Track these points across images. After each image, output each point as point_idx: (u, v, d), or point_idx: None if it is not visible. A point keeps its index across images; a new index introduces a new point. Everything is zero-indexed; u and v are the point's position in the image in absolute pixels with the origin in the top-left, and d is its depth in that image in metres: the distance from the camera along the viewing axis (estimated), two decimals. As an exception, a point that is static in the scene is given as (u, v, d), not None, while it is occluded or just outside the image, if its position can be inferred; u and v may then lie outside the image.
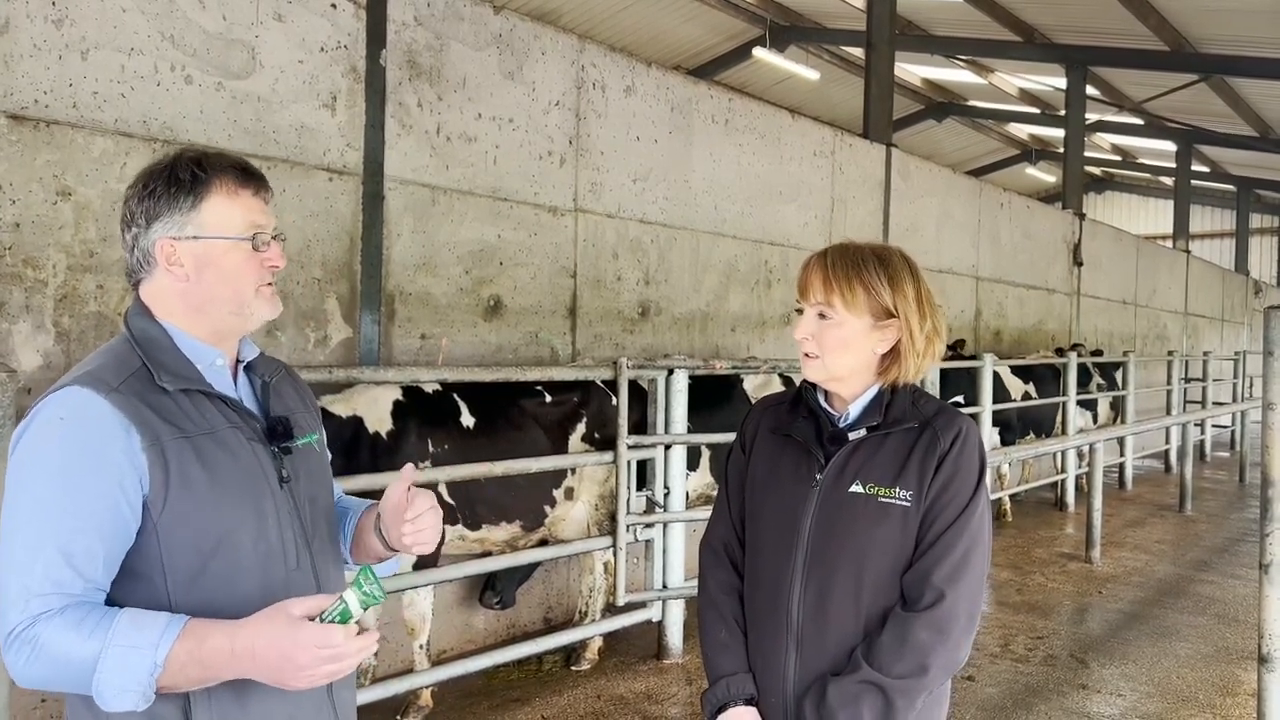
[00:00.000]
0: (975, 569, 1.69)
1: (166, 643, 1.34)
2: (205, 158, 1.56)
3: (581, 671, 4.91)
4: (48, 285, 3.60)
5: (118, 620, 1.35)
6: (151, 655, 1.33)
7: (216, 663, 1.36)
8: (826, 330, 1.75)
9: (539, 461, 4.46)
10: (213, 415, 1.52)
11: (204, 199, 1.53)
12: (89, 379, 1.45)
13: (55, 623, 1.34)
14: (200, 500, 1.46)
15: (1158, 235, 23.33)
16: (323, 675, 1.37)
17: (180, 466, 1.45)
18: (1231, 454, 15.35)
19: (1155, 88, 15.40)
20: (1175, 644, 5.62)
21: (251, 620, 1.38)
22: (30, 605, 1.35)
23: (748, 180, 7.11)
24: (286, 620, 1.36)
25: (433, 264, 4.97)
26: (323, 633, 1.36)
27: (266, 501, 1.54)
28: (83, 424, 1.41)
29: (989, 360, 7.88)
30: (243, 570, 1.50)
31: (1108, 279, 14.01)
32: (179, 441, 1.46)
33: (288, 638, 1.35)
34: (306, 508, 1.62)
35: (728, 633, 1.84)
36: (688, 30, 15.68)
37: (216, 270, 1.54)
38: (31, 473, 1.40)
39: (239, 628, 1.37)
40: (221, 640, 1.36)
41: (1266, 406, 3.31)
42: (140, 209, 1.54)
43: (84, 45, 3.67)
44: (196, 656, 1.35)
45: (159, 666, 1.33)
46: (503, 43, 5.29)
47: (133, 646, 1.33)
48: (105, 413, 1.42)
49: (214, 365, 1.57)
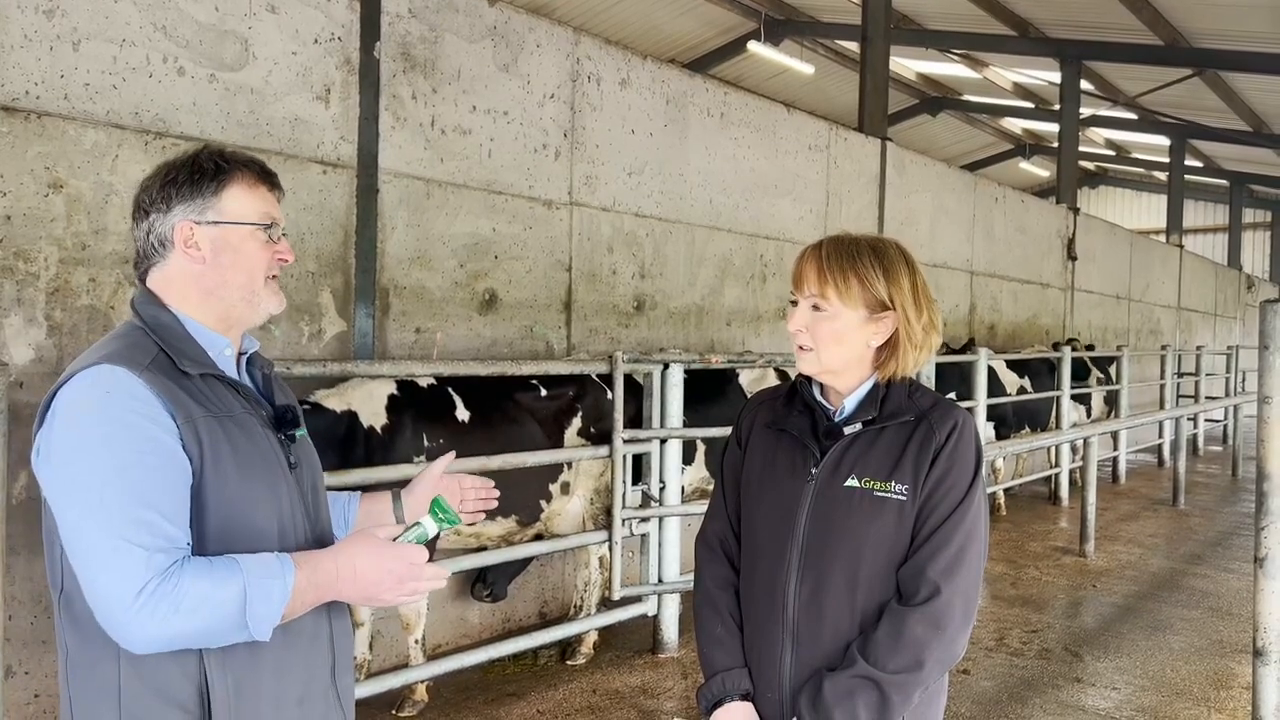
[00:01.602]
0: (971, 563, 1.68)
1: (289, 572, 1.45)
2: (226, 152, 1.64)
3: (577, 666, 4.91)
4: (39, 278, 3.57)
5: (240, 561, 1.43)
6: (284, 583, 1.44)
7: (325, 584, 1.50)
8: (820, 323, 1.74)
9: (534, 456, 4.45)
10: (230, 399, 1.57)
11: (226, 187, 1.59)
12: (118, 358, 1.47)
13: (188, 573, 1.38)
14: (229, 478, 1.50)
15: (1151, 230, 23.38)
16: (408, 591, 1.54)
17: (213, 444, 1.49)
18: (1224, 448, 15.40)
19: (1149, 82, 15.41)
20: (1169, 637, 5.63)
21: (346, 544, 1.55)
22: (154, 561, 1.37)
23: (743, 174, 7.10)
24: (377, 543, 1.54)
25: (427, 257, 4.95)
26: (414, 550, 1.55)
27: (281, 484, 1.59)
28: (130, 396, 1.43)
29: (984, 355, 7.89)
30: (262, 548, 1.53)
31: (1101, 273, 14.04)
32: (209, 420, 1.50)
33: (388, 554, 1.53)
34: (310, 494, 1.68)
35: (724, 628, 1.84)
36: (682, 24, 15.64)
37: (233, 255, 1.59)
38: (95, 448, 1.40)
39: (338, 551, 1.53)
40: (328, 563, 1.51)
41: (1263, 400, 3.31)
42: (162, 194, 1.58)
43: (75, 36, 3.64)
44: (313, 580, 1.48)
45: (289, 592, 1.44)
46: (497, 35, 5.27)
47: (269, 577, 1.43)
48: (144, 388, 1.45)
49: (223, 354, 1.62)
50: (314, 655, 1.61)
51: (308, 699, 1.60)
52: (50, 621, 3.55)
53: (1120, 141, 22.82)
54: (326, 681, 1.64)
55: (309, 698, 1.60)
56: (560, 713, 4.34)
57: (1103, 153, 24.19)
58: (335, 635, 1.66)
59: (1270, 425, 3.35)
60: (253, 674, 1.51)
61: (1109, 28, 13.15)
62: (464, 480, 1.96)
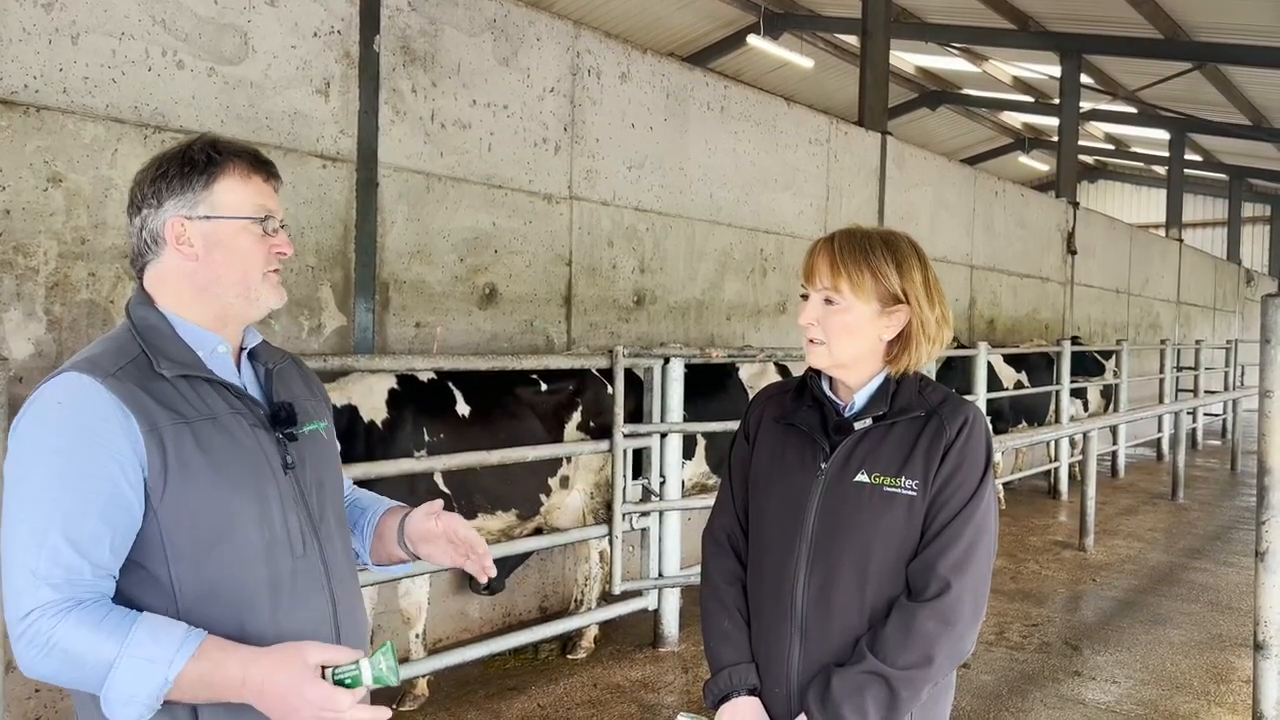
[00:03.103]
0: (981, 559, 1.67)
1: (181, 660, 1.34)
2: (219, 142, 1.58)
3: (577, 660, 4.91)
4: (39, 273, 3.56)
5: (136, 627, 1.35)
6: (165, 671, 1.33)
7: (224, 690, 1.37)
8: (832, 316, 1.73)
9: (535, 450, 4.45)
10: (214, 401, 1.51)
11: (217, 179, 1.54)
12: (86, 365, 1.45)
13: (72, 619, 1.34)
14: (200, 486, 1.45)
15: (1151, 224, 23.35)
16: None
17: (179, 452, 1.44)
18: (1223, 442, 15.42)
19: (1149, 76, 15.38)
20: (1168, 631, 5.64)
21: (267, 656, 1.39)
22: (40, 592, 1.34)
23: (743, 168, 7.08)
24: (301, 668, 1.37)
25: (427, 252, 4.94)
26: (330, 694, 1.36)
27: (270, 488, 1.53)
28: (81, 408, 1.40)
29: (983, 349, 7.89)
30: (247, 558, 1.49)
31: (1101, 267, 14.03)
32: (177, 427, 1.45)
33: (296, 689, 1.36)
34: (313, 494, 1.61)
35: (730, 623, 1.83)
36: (682, 17, 15.60)
37: (225, 251, 1.54)
38: (32, 458, 1.39)
39: (252, 662, 1.38)
40: (234, 670, 1.37)
41: (1264, 394, 3.30)
42: (153, 189, 1.54)
43: (74, 30, 3.62)
44: (207, 680, 1.36)
45: (169, 684, 1.34)
46: (497, 28, 5.25)
47: (148, 659, 1.33)
48: (102, 397, 1.41)
49: (215, 352, 1.57)
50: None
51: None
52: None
53: (1120, 136, 22.80)
54: None
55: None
56: (561, 707, 4.34)
57: (1102, 147, 24.18)
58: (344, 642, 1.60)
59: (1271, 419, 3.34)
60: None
61: (1109, 21, 13.13)
62: (457, 533, 1.73)
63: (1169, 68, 14.72)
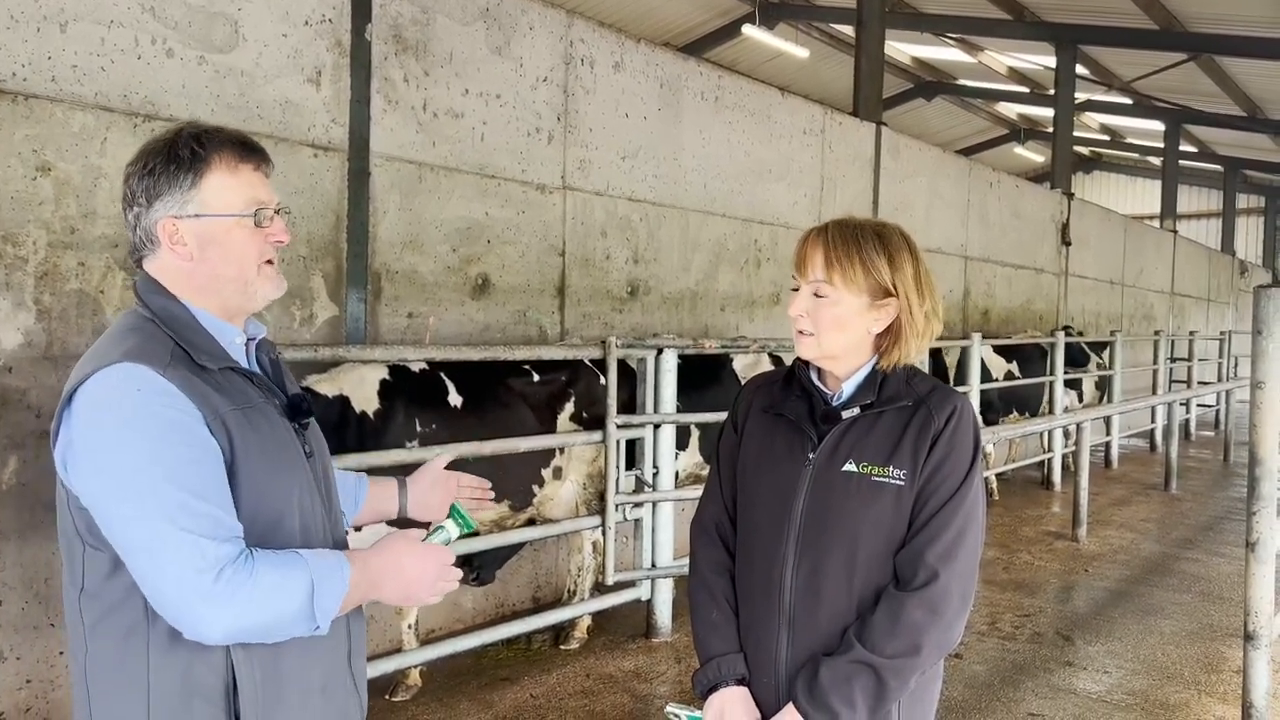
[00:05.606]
0: (969, 548, 1.68)
1: (345, 566, 1.47)
2: (205, 133, 1.54)
3: (570, 650, 4.91)
4: (28, 262, 3.54)
5: (303, 553, 1.45)
6: (342, 577, 1.46)
7: (374, 580, 1.53)
8: (822, 308, 1.73)
9: (527, 441, 4.44)
10: (249, 391, 1.53)
11: (204, 176, 1.51)
12: (139, 356, 1.42)
13: (259, 560, 1.39)
14: (259, 471, 1.48)
15: (1145, 215, 23.40)
16: (439, 590, 1.59)
17: (242, 439, 1.46)
18: (1216, 433, 15.47)
19: (1144, 67, 15.38)
20: (1160, 621, 5.66)
21: (390, 544, 1.57)
22: (222, 550, 1.36)
23: (737, 158, 7.06)
24: (420, 544, 1.59)
25: (419, 242, 4.92)
26: (446, 552, 1.61)
27: (302, 473, 1.57)
28: (160, 393, 1.40)
29: (976, 340, 7.89)
30: (293, 542, 1.52)
31: (1095, 259, 14.04)
32: (235, 413, 1.46)
33: (429, 555, 1.58)
34: (324, 481, 1.66)
35: (719, 613, 1.83)
36: (676, 6, 15.55)
37: (220, 248, 1.53)
38: (139, 442, 1.37)
39: (383, 550, 1.56)
40: (376, 560, 1.53)
41: (1255, 385, 3.31)
42: (141, 188, 1.51)
43: (63, 17, 3.59)
44: (366, 576, 1.51)
45: (346, 586, 1.46)
46: (490, 17, 5.22)
47: (331, 570, 1.45)
48: (170, 386, 1.41)
49: (234, 343, 1.58)
50: (334, 643, 1.59)
51: (330, 687, 1.59)
52: (41, 608, 3.56)
53: (1115, 126, 22.80)
54: (344, 667, 1.63)
55: (331, 686, 1.59)
56: (553, 697, 4.34)
57: (1097, 138, 24.18)
58: (351, 620, 1.64)
59: (1263, 410, 3.36)
60: (277, 666, 1.49)
61: (1104, 12, 13.12)
62: (461, 479, 1.99)
63: (1164, 58, 14.72)
